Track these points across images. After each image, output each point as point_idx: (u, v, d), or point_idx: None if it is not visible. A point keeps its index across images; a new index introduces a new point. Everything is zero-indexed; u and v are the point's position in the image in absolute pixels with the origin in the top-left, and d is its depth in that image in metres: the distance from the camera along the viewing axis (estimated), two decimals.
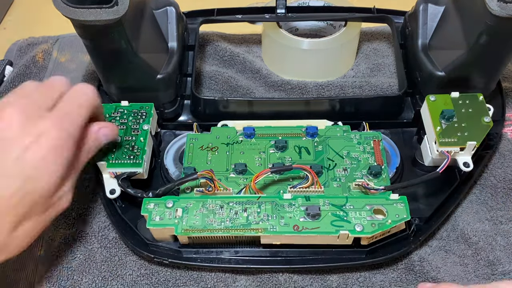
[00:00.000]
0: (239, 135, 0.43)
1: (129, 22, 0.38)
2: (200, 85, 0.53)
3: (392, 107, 0.47)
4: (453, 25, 0.42)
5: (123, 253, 0.41)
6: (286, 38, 0.51)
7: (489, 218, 0.42)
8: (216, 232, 0.36)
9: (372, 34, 0.57)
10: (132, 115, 0.42)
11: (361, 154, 0.41)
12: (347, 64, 0.54)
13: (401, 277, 0.39)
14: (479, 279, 0.39)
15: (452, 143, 0.39)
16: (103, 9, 0.35)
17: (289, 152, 0.42)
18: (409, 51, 0.48)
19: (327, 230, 0.35)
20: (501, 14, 0.35)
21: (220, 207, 0.37)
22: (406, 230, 0.39)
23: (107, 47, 0.39)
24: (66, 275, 0.39)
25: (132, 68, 0.41)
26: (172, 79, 0.45)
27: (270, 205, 0.37)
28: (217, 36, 0.57)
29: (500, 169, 0.45)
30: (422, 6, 0.45)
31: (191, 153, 0.42)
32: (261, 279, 0.39)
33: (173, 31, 0.46)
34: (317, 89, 0.52)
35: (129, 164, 0.39)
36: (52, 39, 0.59)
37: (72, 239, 0.41)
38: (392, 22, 0.51)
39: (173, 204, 0.37)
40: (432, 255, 0.40)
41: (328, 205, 0.36)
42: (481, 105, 0.41)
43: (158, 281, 0.39)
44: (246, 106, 0.46)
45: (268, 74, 0.53)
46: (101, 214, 0.43)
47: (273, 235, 0.36)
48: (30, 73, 0.55)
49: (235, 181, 0.40)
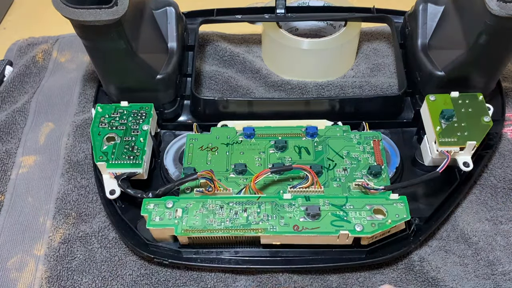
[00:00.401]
0: (239, 135, 0.43)
1: (128, 23, 0.38)
2: (200, 85, 0.53)
3: (392, 107, 0.47)
4: (453, 24, 0.42)
5: (123, 253, 0.41)
6: (286, 38, 0.51)
7: (489, 218, 0.42)
8: (216, 233, 0.36)
9: (372, 34, 0.57)
10: (132, 116, 0.42)
11: (361, 154, 0.41)
12: (347, 64, 0.54)
13: (401, 277, 0.39)
14: (479, 279, 0.39)
15: (452, 142, 0.39)
16: (103, 10, 0.35)
17: (289, 152, 0.42)
18: (409, 51, 0.48)
19: (327, 230, 0.35)
20: (501, 13, 0.35)
21: (220, 207, 0.37)
22: (406, 230, 0.39)
23: (106, 48, 0.39)
24: (66, 275, 0.39)
25: (131, 68, 0.41)
26: (171, 80, 0.45)
27: (270, 205, 0.37)
28: (217, 36, 0.57)
29: (500, 169, 0.45)
30: (421, 6, 0.45)
31: (191, 153, 0.42)
32: (261, 279, 0.39)
33: (172, 31, 0.46)
34: (317, 89, 0.52)
35: (129, 165, 0.39)
36: (52, 39, 0.59)
37: (72, 239, 0.41)
38: (392, 22, 0.51)
39: (173, 205, 0.37)
40: (432, 255, 0.40)
41: (328, 205, 0.36)
42: (481, 105, 0.41)
43: (158, 281, 0.39)
44: (246, 106, 0.46)
45: (268, 74, 0.53)
46: (101, 214, 0.43)
47: (273, 235, 0.35)
48: (30, 73, 0.55)
49: (235, 181, 0.40)
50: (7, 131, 0.49)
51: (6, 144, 0.48)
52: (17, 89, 0.54)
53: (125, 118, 0.42)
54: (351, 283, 0.39)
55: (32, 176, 0.46)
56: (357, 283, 0.39)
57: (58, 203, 0.44)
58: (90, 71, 0.54)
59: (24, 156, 0.48)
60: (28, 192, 0.45)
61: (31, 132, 0.50)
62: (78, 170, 0.46)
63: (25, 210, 0.44)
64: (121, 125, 0.41)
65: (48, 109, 0.52)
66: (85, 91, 0.53)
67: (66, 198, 0.44)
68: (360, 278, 0.39)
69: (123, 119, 0.42)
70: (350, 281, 0.39)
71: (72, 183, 0.45)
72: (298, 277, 0.39)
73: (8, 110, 0.51)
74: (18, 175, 0.46)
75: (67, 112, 0.51)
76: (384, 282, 0.39)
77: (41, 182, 0.46)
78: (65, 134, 0.49)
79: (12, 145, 0.48)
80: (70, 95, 0.53)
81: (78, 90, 0.53)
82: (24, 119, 0.51)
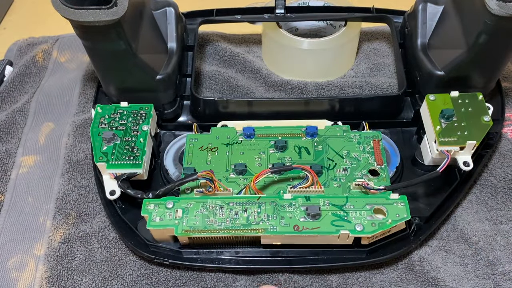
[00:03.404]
0: (239, 136, 0.43)
1: (128, 23, 0.38)
2: (200, 85, 0.53)
3: (392, 106, 0.47)
4: (452, 24, 0.42)
5: (123, 253, 0.41)
6: (286, 38, 0.51)
7: (489, 218, 0.42)
8: (216, 233, 0.36)
9: (372, 34, 0.57)
10: (132, 116, 0.42)
11: (361, 153, 0.41)
12: (347, 64, 0.54)
13: (401, 277, 0.39)
14: (479, 279, 0.39)
15: (452, 142, 0.39)
16: (102, 10, 0.35)
17: (289, 152, 0.42)
18: (409, 51, 0.48)
19: (327, 230, 0.35)
20: (501, 13, 0.35)
21: (220, 208, 0.37)
22: (406, 230, 0.39)
23: (106, 48, 0.39)
24: (66, 275, 0.39)
25: (131, 69, 0.41)
26: (171, 80, 0.45)
27: (270, 205, 0.37)
28: (217, 36, 0.57)
29: (500, 169, 0.45)
30: (421, 6, 0.45)
31: (191, 153, 0.42)
32: (261, 279, 0.39)
33: (172, 31, 0.46)
34: (317, 89, 0.52)
35: (129, 165, 0.39)
36: (52, 39, 0.59)
37: (72, 239, 0.41)
38: (392, 21, 0.51)
39: (173, 205, 0.37)
40: (432, 255, 0.40)
41: (328, 205, 0.36)
42: (481, 104, 0.41)
43: (158, 281, 0.39)
44: (245, 106, 0.46)
45: (268, 74, 0.53)
46: (101, 214, 0.43)
47: (273, 235, 0.36)
48: (30, 73, 0.55)
49: (235, 181, 0.40)
50: (7, 131, 0.49)
51: (6, 144, 0.49)
52: (17, 89, 0.54)
53: (125, 118, 0.42)
54: (351, 283, 0.39)
55: (32, 176, 0.46)
56: (357, 283, 0.39)
57: (58, 203, 0.44)
58: (90, 71, 0.54)
59: (24, 156, 0.48)
60: (28, 192, 0.45)
61: (31, 132, 0.50)
62: (78, 170, 0.46)
63: (25, 210, 0.44)
64: (121, 125, 0.41)
65: (48, 109, 0.52)
66: (85, 91, 0.53)
67: (66, 198, 0.44)
68: (360, 278, 0.39)
69: (123, 120, 0.42)
70: (350, 281, 0.39)
71: (72, 183, 0.45)
72: (298, 277, 0.39)
73: (8, 110, 0.51)
74: (18, 175, 0.46)
75: (67, 112, 0.51)
76: (384, 282, 0.39)
77: (41, 182, 0.46)
78: (65, 134, 0.49)
79: (12, 145, 0.48)
80: (70, 95, 0.53)
81: (78, 90, 0.53)
82: (24, 119, 0.51)
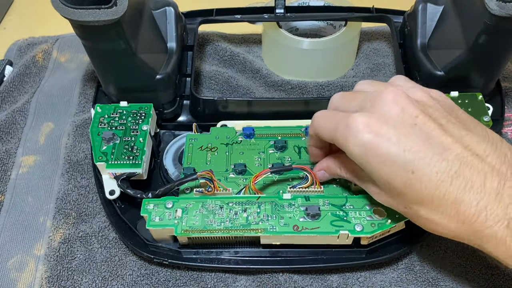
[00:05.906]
0: (238, 135, 0.43)
1: (127, 23, 0.38)
2: (200, 85, 0.53)
3: None
4: (452, 24, 0.42)
5: (123, 253, 0.41)
6: (286, 38, 0.51)
7: None
8: (216, 233, 0.36)
9: (372, 34, 0.57)
10: (131, 116, 0.42)
11: None
12: (347, 64, 0.54)
13: (401, 277, 0.39)
14: (479, 279, 0.39)
15: None
16: (102, 10, 0.35)
17: (288, 152, 0.42)
18: (408, 51, 0.48)
19: (327, 230, 0.35)
20: (500, 13, 0.35)
21: (220, 208, 0.37)
22: (406, 230, 0.39)
23: (105, 48, 0.39)
24: (66, 275, 0.39)
25: (131, 68, 0.41)
26: (171, 80, 0.45)
27: (269, 205, 0.37)
28: (217, 36, 0.57)
29: None
30: (421, 6, 0.45)
31: (191, 153, 0.42)
32: (261, 279, 0.39)
33: (172, 31, 0.46)
34: (317, 89, 0.52)
35: (128, 165, 0.39)
36: (52, 39, 0.59)
37: (72, 239, 0.41)
38: (391, 21, 0.51)
39: (173, 205, 0.37)
40: (432, 255, 0.40)
41: (328, 205, 0.36)
42: (481, 104, 0.41)
43: (158, 281, 0.39)
44: (245, 106, 0.46)
45: (268, 74, 0.53)
46: (101, 214, 0.43)
47: (273, 235, 0.35)
48: (30, 73, 0.55)
49: (234, 181, 0.40)
50: (7, 131, 0.49)
51: (6, 144, 0.49)
52: (17, 89, 0.54)
53: (125, 118, 0.42)
54: (351, 283, 0.39)
55: (32, 176, 0.46)
56: (357, 283, 0.39)
57: (58, 203, 0.44)
58: (90, 71, 0.54)
59: (24, 156, 0.48)
60: (28, 192, 0.45)
61: (31, 132, 0.50)
62: (78, 170, 0.46)
63: (25, 210, 0.44)
64: (120, 125, 0.41)
65: (48, 109, 0.52)
66: (85, 91, 0.53)
67: (66, 198, 0.44)
68: (360, 278, 0.39)
69: (123, 119, 0.42)
70: (350, 281, 0.39)
71: (72, 183, 0.45)
72: (298, 277, 0.39)
73: (8, 110, 0.51)
74: (18, 175, 0.46)
75: (67, 112, 0.51)
76: (384, 282, 0.39)
77: (41, 182, 0.46)
78: (65, 134, 0.49)
79: (12, 145, 0.48)
80: (70, 95, 0.53)
81: (78, 90, 0.53)
82: (24, 119, 0.51)
